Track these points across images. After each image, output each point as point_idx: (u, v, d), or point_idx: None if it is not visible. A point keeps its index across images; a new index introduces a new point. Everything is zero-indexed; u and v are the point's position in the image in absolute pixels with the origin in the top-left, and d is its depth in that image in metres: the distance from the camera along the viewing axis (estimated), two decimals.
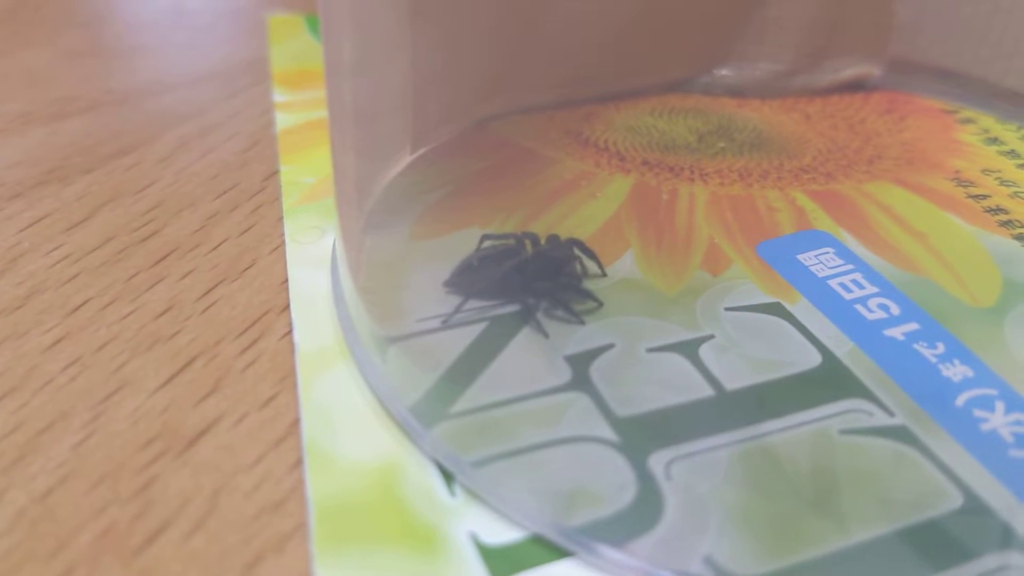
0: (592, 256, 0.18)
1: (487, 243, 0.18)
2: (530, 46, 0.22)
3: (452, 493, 0.14)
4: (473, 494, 0.14)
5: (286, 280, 0.19)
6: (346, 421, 0.15)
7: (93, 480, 0.14)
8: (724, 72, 0.24)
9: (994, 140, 0.22)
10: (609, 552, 0.13)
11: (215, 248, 0.20)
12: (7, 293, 0.18)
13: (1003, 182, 0.21)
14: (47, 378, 0.16)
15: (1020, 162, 0.21)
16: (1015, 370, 0.16)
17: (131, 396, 0.16)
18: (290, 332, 0.17)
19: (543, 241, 0.18)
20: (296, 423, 0.15)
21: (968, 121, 0.23)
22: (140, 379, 0.16)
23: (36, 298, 0.18)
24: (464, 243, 0.18)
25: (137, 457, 0.15)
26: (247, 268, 0.19)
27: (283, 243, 0.20)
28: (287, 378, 0.16)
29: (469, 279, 0.17)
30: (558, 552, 0.13)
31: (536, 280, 0.17)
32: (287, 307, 0.18)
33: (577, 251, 0.18)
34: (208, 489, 0.14)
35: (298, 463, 0.15)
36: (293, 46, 0.28)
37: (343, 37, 0.16)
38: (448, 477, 0.14)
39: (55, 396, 0.16)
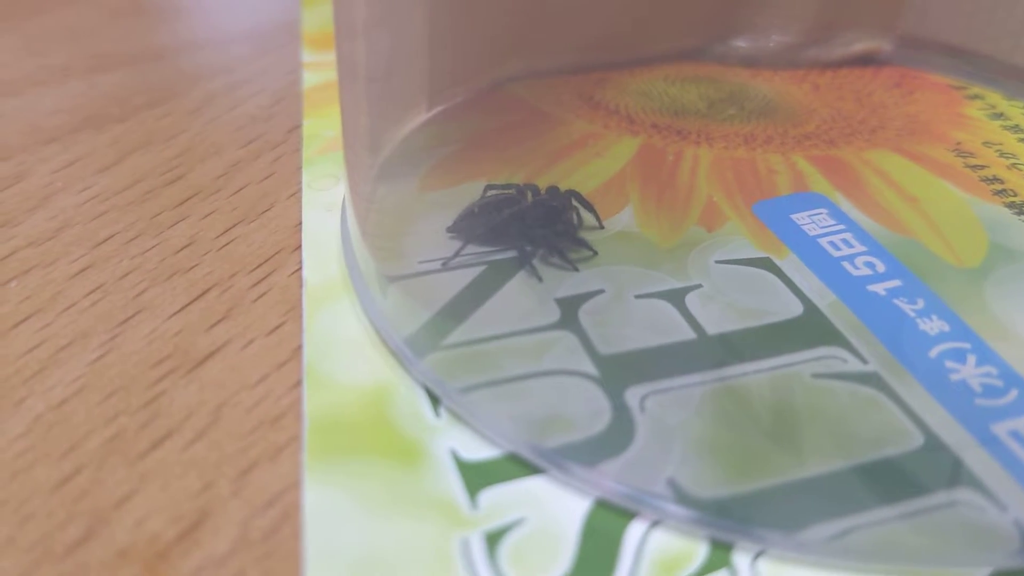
0: (590, 208, 0.18)
1: (490, 193, 0.19)
2: (548, 10, 0.23)
3: (437, 415, 0.15)
4: (456, 416, 0.15)
5: (300, 223, 0.19)
6: (345, 348, 0.16)
7: (106, 392, 0.15)
8: (738, 42, 0.25)
9: (999, 115, 0.23)
10: (578, 470, 0.14)
11: (236, 192, 0.21)
12: (39, 226, 0.19)
13: (1003, 154, 0.21)
14: (71, 302, 0.17)
15: (1022, 136, 0.22)
16: (991, 327, 0.16)
17: (147, 320, 0.17)
18: (300, 269, 0.18)
19: (543, 192, 0.18)
20: (299, 349, 0.16)
21: (976, 97, 0.23)
22: (157, 305, 0.17)
23: (66, 231, 0.19)
24: (470, 195, 0.19)
25: (149, 374, 0.16)
26: (265, 211, 0.20)
27: (300, 189, 0.21)
28: (294, 309, 0.17)
29: (469, 225, 0.18)
30: (530, 469, 0.14)
31: (533, 227, 0.18)
32: (299, 247, 0.19)
33: (575, 202, 0.18)
34: (212, 403, 0.15)
35: (297, 384, 0.16)
36: (324, 10, 0.29)
37: None
38: (435, 401, 0.15)
39: (77, 318, 0.17)
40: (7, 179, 0.21)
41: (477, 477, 0.14)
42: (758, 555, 0.13)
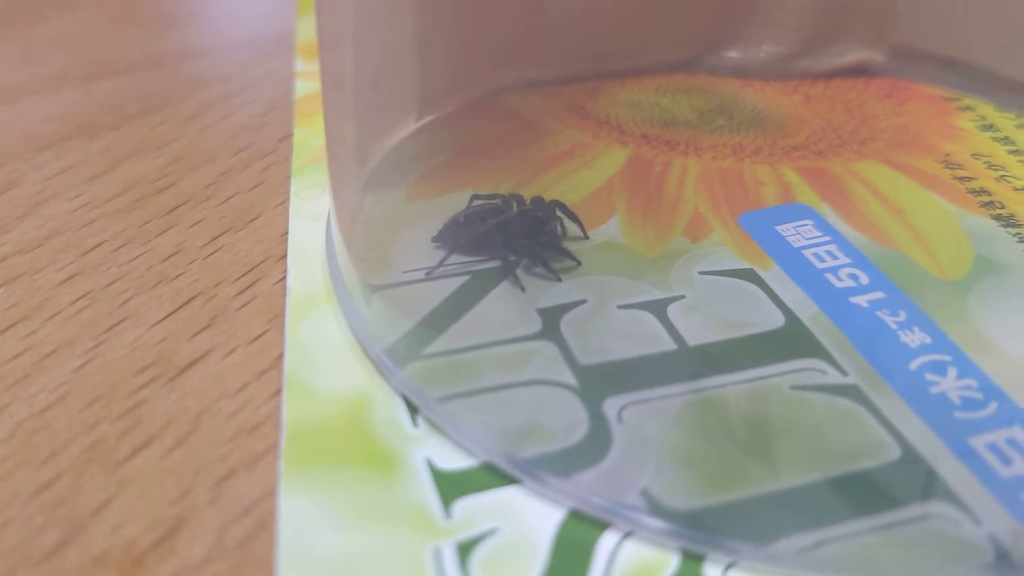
0: (574, 218, 0.18)
1: (476, 202, 0.19)
2: (540, 21, 0.23)
3: (415, 424, 0.15)
4: (434, 426, 0.15)
5: (287, 232, 0.20)
6: (326, 357, 0.16)
7: (89, 399, 0.15)
8: (730, 53, 0.25)
9: (990, 127, 0.23)
10: (553, 480, 0.14)
11: (225, 201, 0.21)
12: (28, 234, 0.20)
13: (991, 166, 0.21)
14: (57, 309, 0.17)
15: (1012, 148, 0.22)
16: (973, 339, 0.16)
17: (132, 328, 0.17)
18: (284, 278, 0.18)
19: (528, 202, 0.18)
20: (281, 357, 0.16)
21: (967, 108, 0.23)
22: (142, 313, 0.17)
23: (54, 239, 0.19)
24: (457, 204, 0.19)
25: (131, 381, 0.16)
26: (252, 220, 0.20)
27: (288, 199, 0.21)
28: (277, 318, 0.17)
29: (454, 234, 0.18)
30: (505, 479, 0.14)
31: (518, 238, 0.18)
32: (284, 256, 0.19)
33: (559, 212, 0.18)
34: (193, 411, 0.15)
35: (278, 392, 0.16)
36: None
37: (343, 2, 0.17)
38: (413, 411, 0.15)
39: (63, 325, 0.17)
40: None
41: (452, 487, 0.14)
42: (729, 567, 0.13)
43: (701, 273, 0.18)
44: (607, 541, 0.13)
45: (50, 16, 0.30)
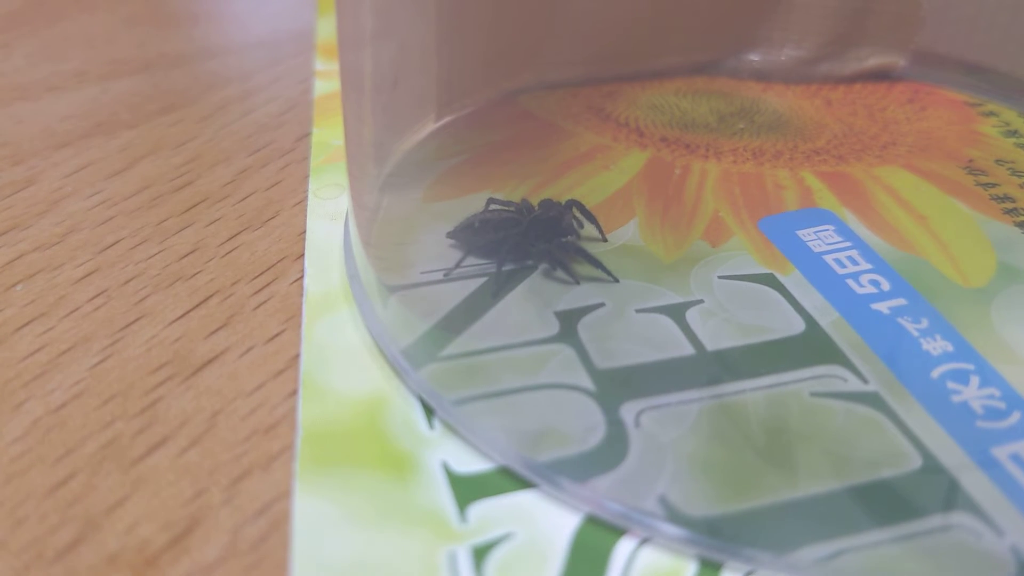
0: (592, 219, 0.18)
1: (492, 207, 0.19)
2: (560, 22, 0.23)
3: (431, 427, 0.15)
4: (450, 428, 0.15)
5: (304, 231, 0.20)
6: (342, 358, 0.16)
7: (105, 397, 0.15)
8: (752, 56, 0.25)
9: (1013, 132, 0.22)
10: (569, 485, 0.13)
11: (243, 200, 0.21)
12: (47, 231, 0.20)
13: (1015, 172, 0.21)
14: (74, 306, 0.17)
15: None
16: (996, 348, 0.16)
17: (148, 326, 0.17)
18: (301, 277, 0.18)
19: (537, 206, 0.18)
20: (297, 358, 0.16)
21: (991, 114, 0.23)
22: (159, 311, 0.17)
23: (73, 236, 0.19)
24: (474, 206, 0.19)
25: (147, 379, 0.16)
26: (270, 219, 0.20)
27: (306, 198, 0.21)
28: (294, 318, 0.17)
29: (469, 237, 0.18)
30: (521, 483, 0.14)
31: (535, 244, 0.18)
32: (302, 255, 0.19)
33: (576, 211, 0.18)
34: (208, 411, 0.15)
35: (293, 393, 0.16)
36: None
37: (363, 3, 0.17)
38: (429, 413, 0.15)
39: (80, 322, 0.17)
40: (18, 183, 0.21)
41: (468, 490, 0.14)
42: (747, 575, 0.13)
43: (720, 277, 0.18)
44: (624, 547, 0.13)
45: (70, 14, 0.30)
